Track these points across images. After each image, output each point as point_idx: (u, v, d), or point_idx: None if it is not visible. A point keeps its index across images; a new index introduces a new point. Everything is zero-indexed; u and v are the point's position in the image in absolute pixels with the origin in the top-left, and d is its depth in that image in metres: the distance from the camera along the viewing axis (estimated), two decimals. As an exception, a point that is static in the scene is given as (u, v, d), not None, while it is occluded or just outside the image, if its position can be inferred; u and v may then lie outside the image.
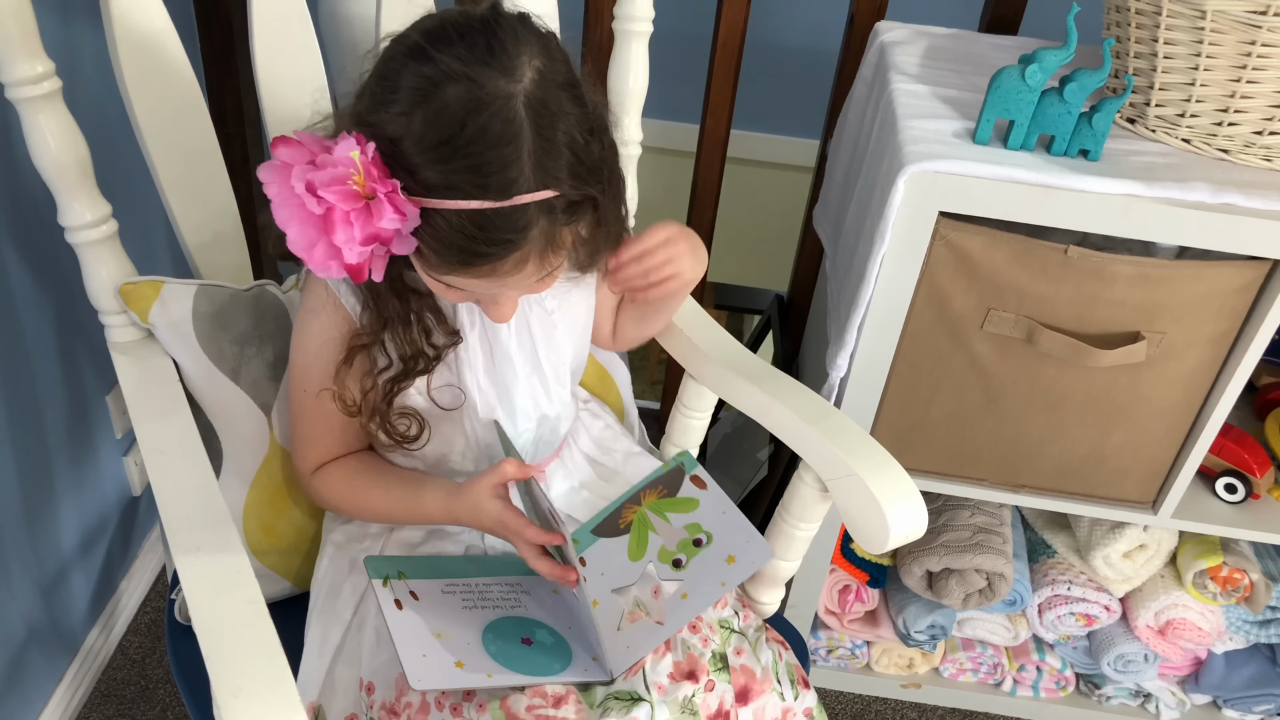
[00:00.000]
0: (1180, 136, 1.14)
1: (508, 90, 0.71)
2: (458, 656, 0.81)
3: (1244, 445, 1.30)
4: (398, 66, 0.73)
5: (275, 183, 0.72)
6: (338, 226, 0.70)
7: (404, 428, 0.90)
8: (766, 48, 2.49)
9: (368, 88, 0.75)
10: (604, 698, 0.81)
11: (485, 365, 0.91)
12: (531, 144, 0.71)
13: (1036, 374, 1.19)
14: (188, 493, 0.82)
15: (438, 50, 0.71)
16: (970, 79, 1.24)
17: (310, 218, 0.71)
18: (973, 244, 1.11)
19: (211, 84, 1.53)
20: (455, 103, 0.70)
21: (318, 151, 0.71)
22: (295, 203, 0.71)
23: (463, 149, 0.70)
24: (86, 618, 1.46)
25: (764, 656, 0.91)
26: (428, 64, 0.71)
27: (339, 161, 0.70)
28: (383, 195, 0.70)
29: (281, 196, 0.72)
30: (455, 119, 0.70)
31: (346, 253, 0.71)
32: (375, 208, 0.70)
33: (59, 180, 0.90)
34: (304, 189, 0.70)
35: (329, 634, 0.90)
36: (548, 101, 0.72)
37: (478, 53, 0.71)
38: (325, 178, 0.70)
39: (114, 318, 0.97)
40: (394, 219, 0.70)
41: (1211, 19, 1.04)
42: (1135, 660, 1.49)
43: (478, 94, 0.70)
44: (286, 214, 0.72)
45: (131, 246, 0.98)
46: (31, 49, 0.84)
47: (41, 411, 1.28)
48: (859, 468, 0.89)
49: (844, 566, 1.49)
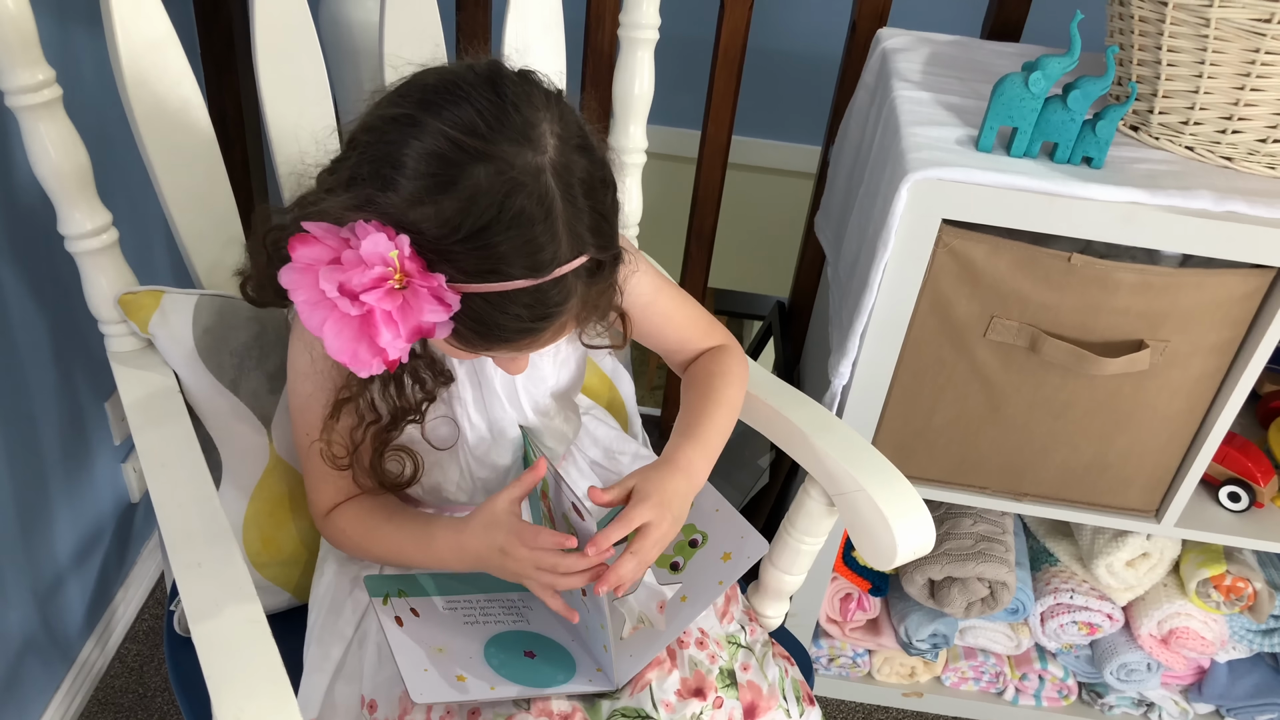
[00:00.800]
0: (1184, 144, 1.14)
1: (536, 164, 0.68)
2: (460, 669, 0.81)
3: (1247, 454, 1.30)
4: (403, 143, 0.68)
5: (303, 288, 0.68)
6: (381, 328, 0.67)
7: (396, 471, 0.89)
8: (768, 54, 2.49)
9: (368, 167, 0.70)
10: (610, 713, 0.81)
11: (474, 399, 0.90)
12: (563, 215, 0.69)
13: (1039, 382, 1.19)
14: (188, 506, 0.81)
15: (445, 119, 0.68)
16: (973, 86, 1.24)
17: (347, 321, 0.67)
18: (976, 251, 1.11)
19: (212, 90, 1.53)
20: (487, 186, 0.66)
21: (338, 247, 0.67)
22: (328, 306, 0.67)
23: (502, 234, 0.67)
24: (83, 625, 1.45)
25: (770, 673, 0.90)
26: (443, 143, 0.67)
27: (371, 260, 0.66)
28: (425, 290, 0.67)
29: (312, 302, 0.68)
30: (491, 204, 0.66)
31: (391, 352, 0.68)
32: (413, 301, 0.67)
33: (59, 189, 0.89)
34: (337, 292, 0.67)
35: (330, 651, 0.89)
36: (571, 168, 0.69)
37: (493, 121, 0.68)
38: (363, 280, 0.66)
39: (114, 327, 0.96)
40: (438, 312, 0.67)
41: (1215, 27, 1.04)
42: (1138, 669, 1.49)
43: (508, 174, 0.66)
44: (319, 318, 0.68)
45: (131, 255, 0.98)
46: (31, 56, 0.84)
47: (39, 418, 1.27)
48: (866, 483, 0.89)
49: (846, 575, 1.48)
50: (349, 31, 1.23)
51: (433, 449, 0.90)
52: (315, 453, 0.88)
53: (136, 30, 0.90)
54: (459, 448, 0.91)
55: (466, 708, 0.82)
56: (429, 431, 0.89)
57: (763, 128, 2.58)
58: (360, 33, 1.21)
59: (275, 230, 0.80)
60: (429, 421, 0.88)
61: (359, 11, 1.22)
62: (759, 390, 1.00)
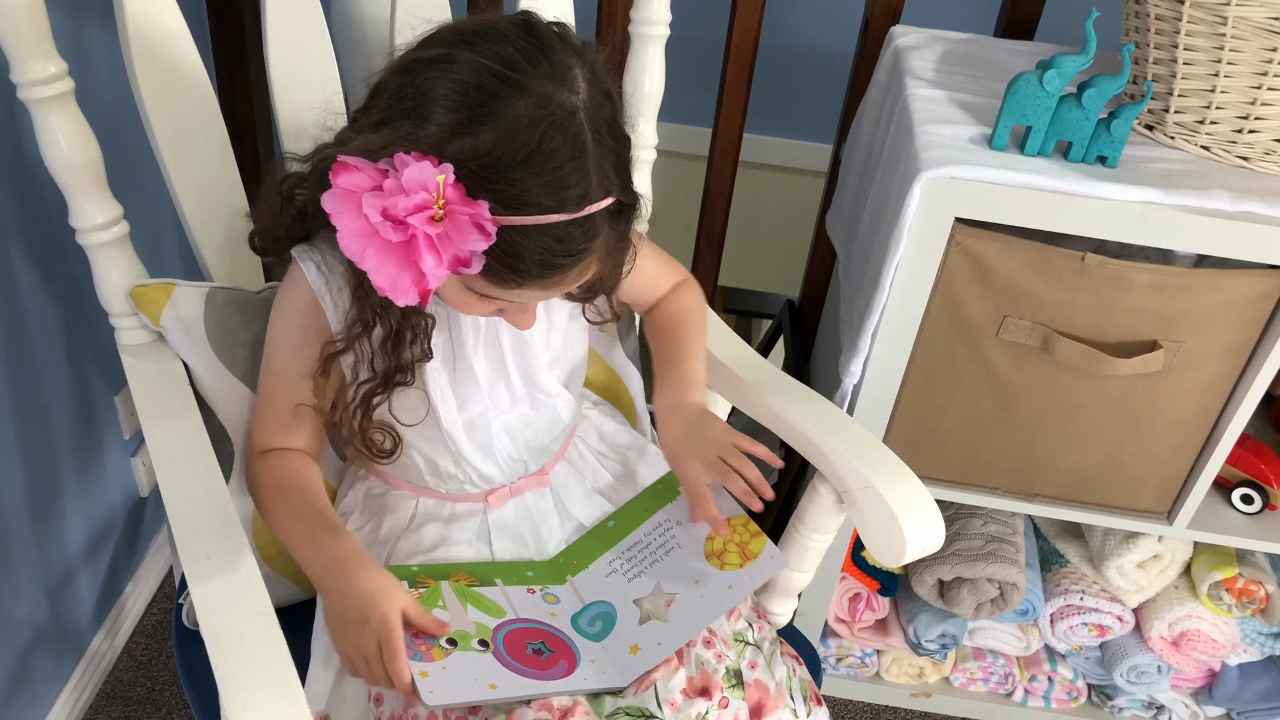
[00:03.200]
0: (1199, 143, 1.13)
1: (571, 104, 0.71)
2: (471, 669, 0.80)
3: (1261, 456, 1.29)
4: (439, 78, 0.71)
5: (344, 213, 0.69)
6: (424, 254, 0.68)
7: (379, 440, 0.90)
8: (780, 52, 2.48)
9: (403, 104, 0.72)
10: (613, 710, 0.80)
11: (449, 377, 0.90)
12: (594, 156, 0.72)
13: (1052, 382, 1.18)
14: (197, 499, 0.81)
15: (481, 53, 0.70)
16: (987, 84, 1.23)
17: (389, 247, 0.69)
18: (989, 250, 1.10)
19: (223, 85, 1.53)
20: (526, 119, 0.69)
21: (378, 178, 0.69)
22: (369, 232, 0.69)
23: (540, 167, 0.69)
24: (93, 619, 1.45)
25: (778, 672, 0.90)
26: (477, 72, 0.70)
27: (414, 186, 0.67)
28: (466, 218, 0.68)
29: (353, 228, 0.69)
30: (530, 138, 0.69)
31: (431, 280, 0.70)
32: (455, 231, 0.68)
33: (70, 181, 0.89)
34: (380, 217, 0.68)
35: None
36: (599, 111, 0.73)
37: (530, 58, 0.70)
38: (407, 205, 0.67)
39: (124, 320, 0.96)
40: (479, 240, 0.69)
41: (1232, 25, 1.03)
42: (1148, 672, 1.48)
43: (547, 109, 0.69)
44: (360, 245, 0.69)
45: (142, 248, 0.98)
46: (44, 49, 0.84)
47: (49, 412, 1.27)
48: (876, 480, 0.89)
49: (855, 574, 1.48)
50: (361, 26, 1.22)
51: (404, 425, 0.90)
52: (270, 386, 0.89)
53: (148, 23, 0.90)
54: (439, 428, 0.91)
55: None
56: (395, 407, 0.89)
57: (774, 125, 2.58)
58: (372, 28, 1.21)
59: (293, 176, 0.82)
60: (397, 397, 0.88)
61: (370, 7, 1.21)
62: (768, 387, 1.00)
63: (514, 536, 0.96)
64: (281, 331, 0.89)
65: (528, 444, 0.96)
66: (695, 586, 0.91)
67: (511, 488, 0.97)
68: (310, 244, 0.87)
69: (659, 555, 0.94)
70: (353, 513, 0.97)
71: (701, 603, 0.89)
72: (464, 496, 0.96)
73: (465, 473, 0.94)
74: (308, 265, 0.86)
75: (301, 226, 0.87)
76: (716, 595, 0.90)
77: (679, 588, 0.91)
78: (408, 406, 0.90)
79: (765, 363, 1.04)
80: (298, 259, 0.87)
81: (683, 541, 0.94)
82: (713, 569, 0.92)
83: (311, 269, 0.86)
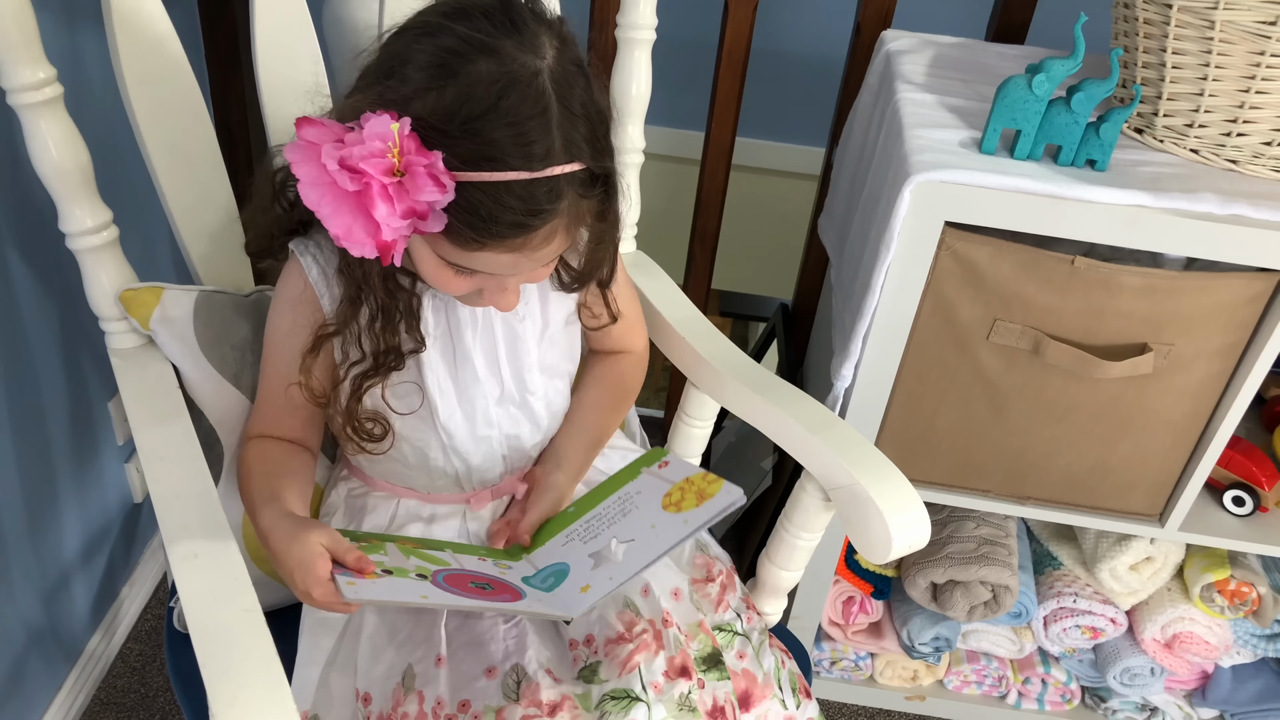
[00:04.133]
0: (1188, 147, 1.13)
1: (534, 65, 0.72)
2: (402, 585, 0.78)
3: (1252, 458, 1.29)
4: (414, 45, 0.74)
5: (304, 162, 0.71)
6: (377, 201, 0.70)
7: (370, 428, 0.90)
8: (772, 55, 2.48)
9: (381, 70, 0.76)
10: (600, 698, 0.80)
11: (447, 368, 0.91)
12: (558, 117, 0.73)
13: (1043, 385, 1.18)
14: (186, 499, 0.81)
15: (457, 25, 0.72)
16: (977, 88, 1.23)
17: (344, 196, 0.71)
18: (979, 254, 1.11)
19: (216, 90, 1.53)
20: (487, 76, 0.71)
21: (342, 132, 0.71)
22: (327, 181, 0.71)
23: (498, 122, 0.71)
24: (87, 624, 1.45)
25: (766, 662, 0.90)
26: (450, 38, 0.72)
27: (372, 137, 0.70)
28: (422, 169, 0.70)
29: (311, 176, 0.71)
30: (490, 92, 0.71)
31: (384, 229, 0.71)
32: (411, 182, 0.70)
33: (60, 186, 0.90)
34: (337, 165, 0.70)
35: (320, 642, 0.90)
36: (568, 78, 0.74)
37: (501, 28, 0.73)
38: (361, 152, 0.70)
39: (114, 324, 0.96)
40: (433, 191, 0.70)
41: (1220, 29, 1.03)
42: (1141, 674, 1.48)
43: (508, 67, 0.71)
44: (317, 195, 0.71)
45: (133, 253, 0.98)
46: (33, 54, 0.84)
47: (44, 418, 1.27)
48: (861, 477, 0.89)
49: (848, 578, 1.48)
50: (351, 32, 1.23)
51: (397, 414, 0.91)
52: (269, 378, 0.91)
53: (137, 29, 0.90)
54: (433, 418, 0.91)
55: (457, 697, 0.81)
56: (391, 397, 0.89)
57: (766, 129, 2.58)
58: (363, 34, 1.21)
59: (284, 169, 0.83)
60: (391, 389, 0.89)
61: (361, 12, 1.22)
62: (754, 386, 1.00)
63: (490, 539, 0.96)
64: (277, 320, 0.90)
65: (514, 443, 0.96)
66: (651, 530, 0.88)
67: (493, 490, 0.97)
68: (306, 236, 0.89)
69: (616, 519, 0.92)
70: (335, 514, 0.98)
71: (655, 538, 0.87)
72: (445, 497, 0.96)
73: (453, 466, 0.94)
74: (305, 256, 0.87)
75: (292, 218, 0.88)
76: (669, 529, 0.87)
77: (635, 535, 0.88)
78: (401, 395, 0.90)
79: (754, 364, 1.05)
80: (294, 250, 0.88)
81: (640, 504, 0.92)
82: (668, 514, 0.89)
83: (308, 260, 0.87)
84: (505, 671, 0.82)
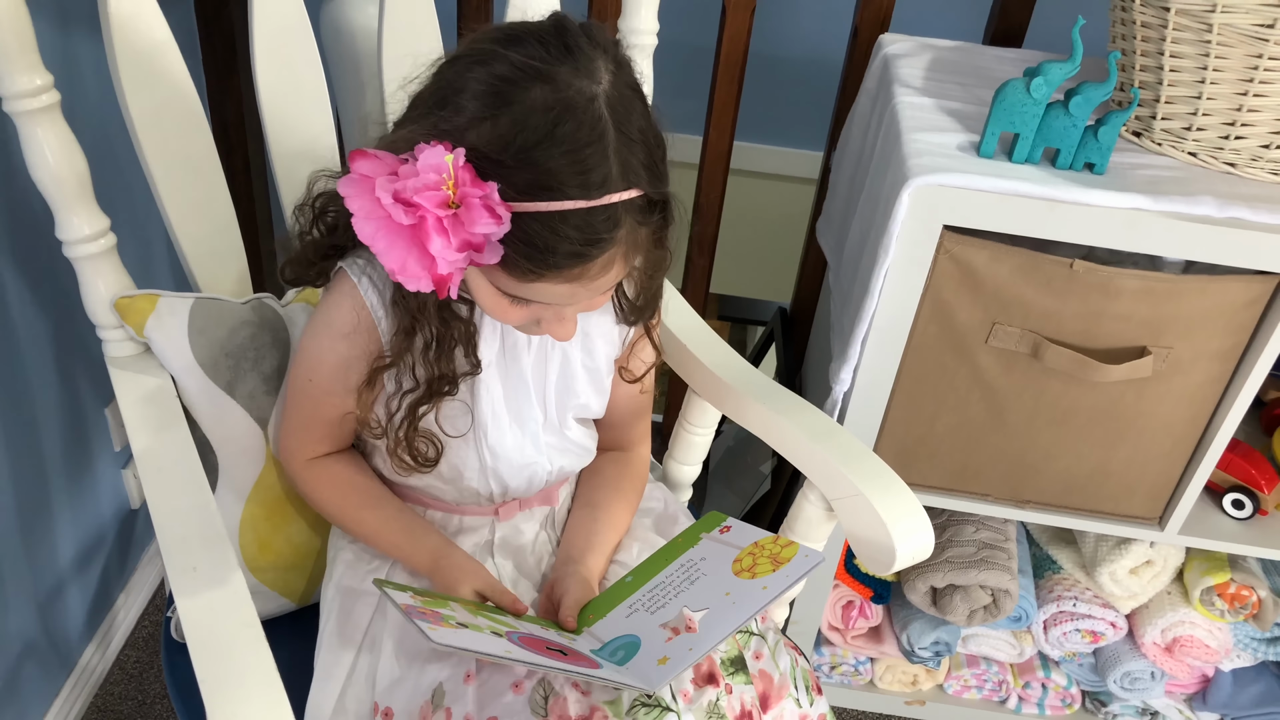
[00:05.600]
0: (1186, 150, 1.13)
1: (590, 91, 0.71)
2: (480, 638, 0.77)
3: (1251, 461, 1.29)
4: (468, 74, 0.72)
5: (358, 196, 0.70)
6: (432, 235, 0.69)
7: (424, 449, 0.89)
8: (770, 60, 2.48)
9: (434, 100, 0.74)
10: (630, 706, 0.79)
11: (503, 391, 0.90)
12: (615, 143, 0.71)
13: (1042, 389, 1.18)
14: (184, 511, 0.81)
15: (510, 52, 0.71)
16: (974, 92, 1.23)
17: (399, 230, 0.70)
18: (977, 258, 1.11)
19: (213, 96, 1.53)
20: (542, 103, 0.70)
21: (396, 164, 0.70)
22: (381, 215, 0.70)
23: (554, 150, 0.69)
24: (83, 632, 1.45)
25: (782, 663, 0.89)
26: (503, 65, 0.71)
27: (426, 170, 0.69)
28: (477, 200, 0.68)
29: (365, 210, 0.70)
30: (544, 121, 0.69)
31: (440, 263, 0.70)
32: (466, 214, 0.69)
33: (57, 193, 0.89)
34: (391, 200, 0.69)
35: (341, 657, 0.88)
36: (625, 102, 0.73)
37: (554, 52, 0.71)
38: (416, 185, 0.69)
39: (111, 332, 0.96)
40: (489, 223, 0.69)
41: (1218, 32, 1.03)
42: (1142, 678, 1.48)
43: (563, 94, 0.70)
44: (372, 229, 0.70)
45: (131, 260, 0.98)
46: (30, 61, 0.84)
47: (39, 424, 1.27)
48: (865, 488, 0.88)
49: (847, 582, 1.47)
50: (350, 37, 1.22)
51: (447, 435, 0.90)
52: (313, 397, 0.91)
53: (135, 35, 0.90)
54: (478, 440, 0.91)
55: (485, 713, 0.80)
56: (441, 416, 0.89)
57: (764, 133, 2.58)
58: (361, 39, 1.21)
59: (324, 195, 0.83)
60: (445, 407, 0.88)
61: (360, 17, 1.21)
62: (757, 395, 1.00)
63: (514, 552, 0.96)
64: (327, 350, 0.88)
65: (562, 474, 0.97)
66: (726, 598, 0.85)
67: (521, 501, 0.97)
68: (356, 258, 0.87)
69: (684, 587, 0.87)
70: None
71: (733, 607, 0.83)
72: (474, 509, 0.96)
73: (488, 487, 0.94)
74: (361, 280, 0.86)
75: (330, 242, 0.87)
76: (749, 597, 0.84)
77: (709, 604, 0.84)
78: (450, 417, 0.90)
79: (755, 371, 1.04)
80: (349, 273, 0.86)
81: (708, 570, 0.89)
82: (743, 581, 0.86)
83: (365, 283, 0.85)
84: (532, 687, 0.80)
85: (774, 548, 0.87)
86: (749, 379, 1.03)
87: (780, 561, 0.85)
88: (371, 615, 0.90)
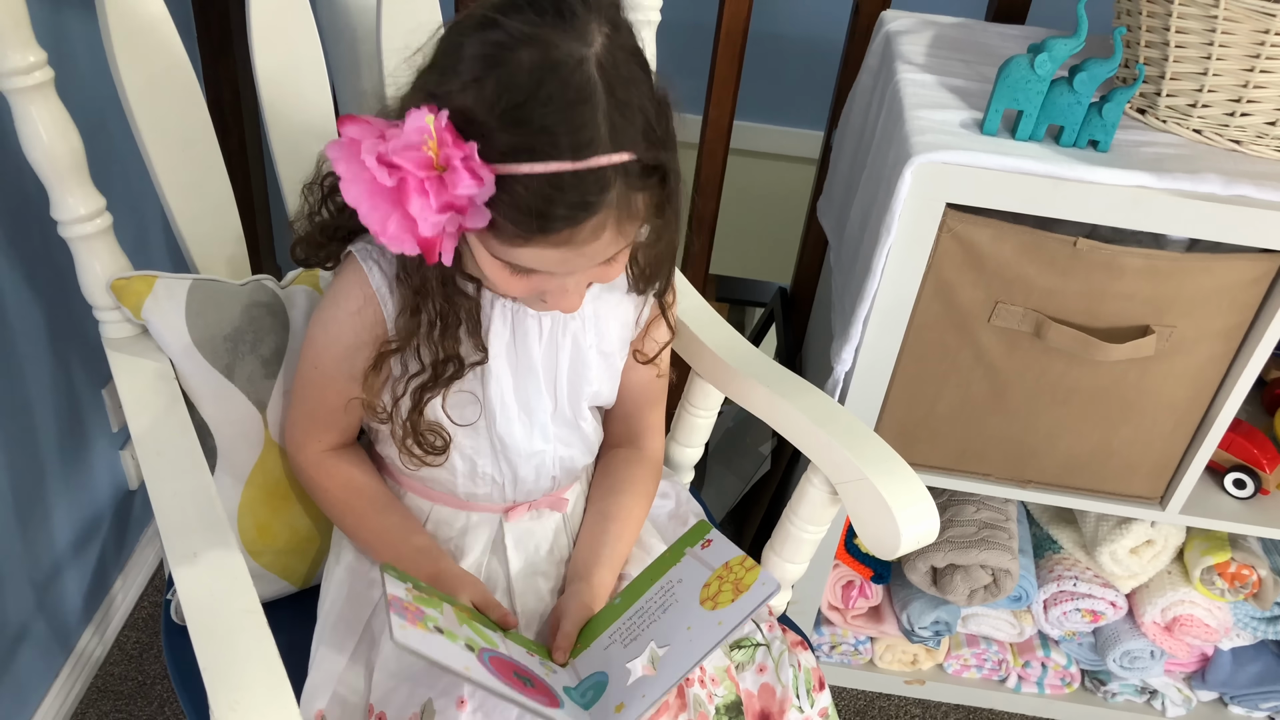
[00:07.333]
0: (1192, 127, 1.12)
1: (580, 53, 0.69)
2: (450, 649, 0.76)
3: (1253, 440, 1.29)
4: (463, 39, 0.72)
5: (344, 159, 0.70)
6: (412, 195, 0.69)
7: (431, 439, 0.89)
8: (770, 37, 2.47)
9: (431, 65, 0.75)
10: None
11: (513, 381, 0.89)
12: (605, 105, 0.70)
13: (1044, 368, 1.18)
14: (183, 495, 0.80)
15: (505, 17, 0.70)
16: (978, 69, 1.22)
17: (382, 190, 0.70)
18: (980, 236, 1.10)
19: (209, 74, 1.51)
20: (528, 65, 0.69)
21: (385, 129, 0.70)
22: (366, 177, 0.70)
23: (538, 111, 0.68)
24: (82, 613, 1.44)
25: (785, 675, 0.89)
26: (495, 31, 0.70)
27: (410, 131, 0.68)
28: (458, 162, 0.68)
29: (351, 173, 0.70)
30: (529, 81, 0.68)
31: (421, 224, 0.69)
32: (449, 176, 0.68)
33: (51, 172, 0.88)
34: (374, 161, 0.69)
35: (344, 642, 0.88)
36: (618, 65, 0.71)
37: (547, 17, 0.70)
38: (398, 146, 0.68)
39: (108, 313, 0.95)
40: (470, 185, 0.68)
41: (1224, 8, 1.02)
42: (1141, 657, 1.48)
43: (550, 55, 0.69)
44: (357, 191, 0.70)
45: (127, 241, 0.97)
46: (22, 38, 0.82)
47: (35, 406, 1.26)
48: (869, 471, 0.88)
49: (847, 562, 1.47)
50: (346, 14, 1.21)
51: (455, 424, 0.90)
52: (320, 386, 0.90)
53: (130, 12, 0.89)
54: (488, 429, 0.90)
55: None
56: (450, 408, 0.88)
57: (765, 112, 2.57)
58: (358, 16, 1.20)
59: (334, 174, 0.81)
60: (451, 396, 0.88)
61: (357, -7, 1.20)
62: (761, 378, 0.99)
63: (523, 551, 0.95)
64: (335, 332, 0.88)
65: (567, 464, 0.96)
66: (686, 633, 0.85)
67: (530, 504, 0.96)
68: (367, 243, 0.86)
69: (657, 615, 0.89)
70: None
71: (689, 645, 0.84)
72: (481, 506, 0.95)
73: (501, 476, 0.93)
74: (367, 261, 0.85)
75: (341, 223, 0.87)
76: (704, 633, 0.84)
77: (671, 639, 0.85)
78: (458, 406, 0.89)
79: (757, 353, 1.04)
80: (359, 258, 0.86)
81: (681, 595, 0.89)
82: (704, 611, 0.86)
83: (370, 264, 0.85)
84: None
85: (740, 570, 0.87)
86: (752, 361, 1.02)
87: (740, 590, 0.86)
88: (372, 609, 0.90)
